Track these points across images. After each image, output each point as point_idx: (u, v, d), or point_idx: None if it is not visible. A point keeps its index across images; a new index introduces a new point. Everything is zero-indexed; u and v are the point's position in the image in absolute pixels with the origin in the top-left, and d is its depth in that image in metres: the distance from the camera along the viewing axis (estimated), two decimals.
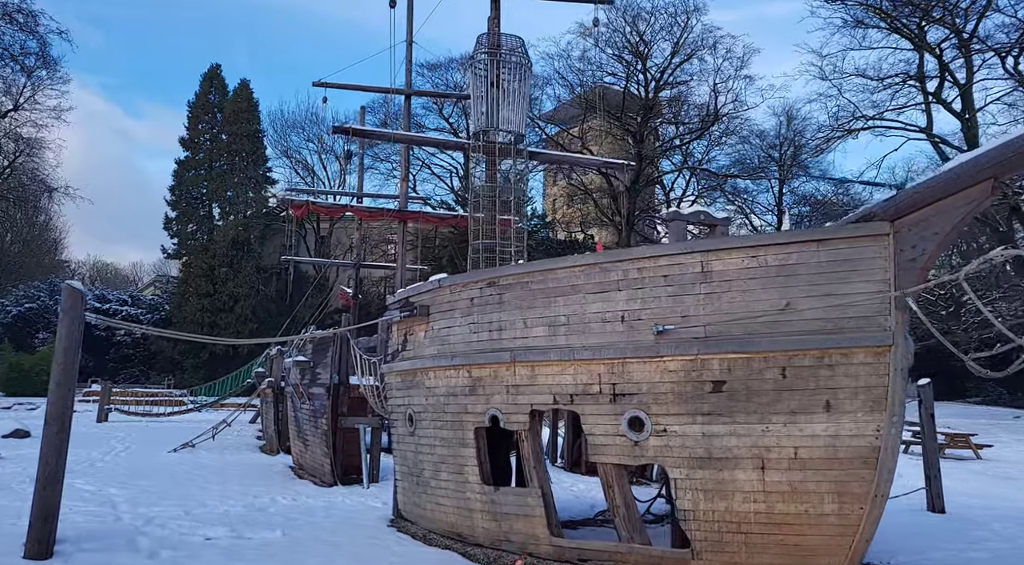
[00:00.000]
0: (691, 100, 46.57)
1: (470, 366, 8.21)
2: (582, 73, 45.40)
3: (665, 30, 43.71)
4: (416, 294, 9.36)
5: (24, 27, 41.98)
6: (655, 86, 45.81)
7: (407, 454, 9.53)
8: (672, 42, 44.11)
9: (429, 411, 8.95)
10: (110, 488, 11.96)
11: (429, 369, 8.91)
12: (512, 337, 7.76)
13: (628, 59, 45.25)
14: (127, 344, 47.85)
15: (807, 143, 41.95)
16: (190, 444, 18.93)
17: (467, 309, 8.35)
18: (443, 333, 8.73)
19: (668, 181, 50.79)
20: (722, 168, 49.00)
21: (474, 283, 8.28)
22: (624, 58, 45.02)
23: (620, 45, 44.25)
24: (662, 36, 44.08)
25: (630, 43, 44.14)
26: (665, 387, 6.58)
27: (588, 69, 44.59)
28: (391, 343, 10.12)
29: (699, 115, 48.20)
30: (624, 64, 45.33)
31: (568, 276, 7.29)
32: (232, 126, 49.24)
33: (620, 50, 44.48)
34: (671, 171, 51.25)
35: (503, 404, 7.83)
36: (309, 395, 13.67)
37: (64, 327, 7.12)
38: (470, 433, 8.26)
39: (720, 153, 49.88)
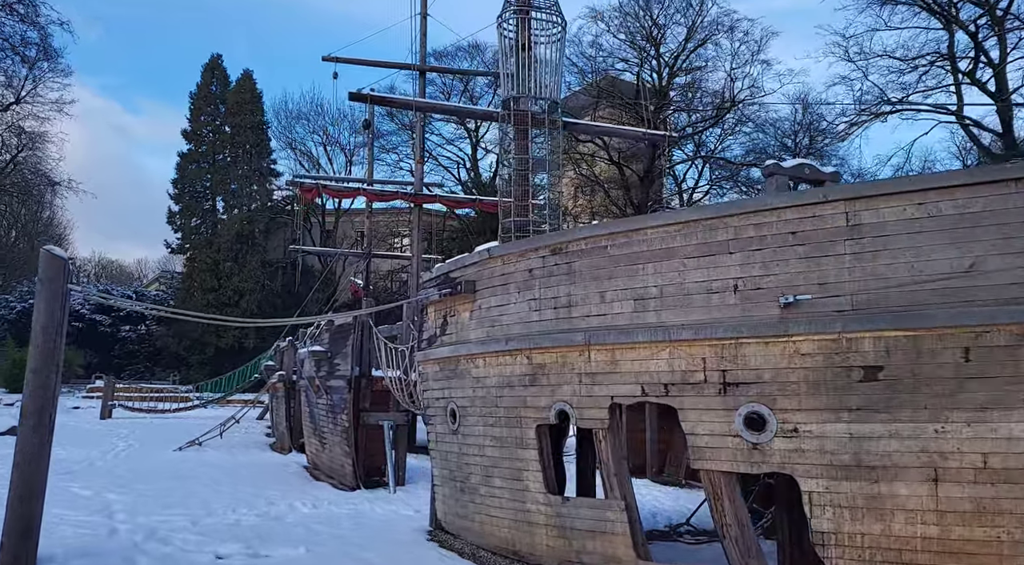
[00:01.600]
0: (705, 87, 44.97)
1: (530, 351, 6.78)
2: (593, 60, 43.82)
3: (680, 13, 42.05)
4: (459, 268, 7.92)
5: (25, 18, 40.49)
6: (668, 72, 44.23)
7: (449, 456, 8.10)
8: (686, 26, 42.48)
9: (477, 405, 7.52)
10: (108, 493, 10.55)
11: (476, 356, 7.48)
12: (585, 315, 6.32)
13: (641, 44, 43.64)
14: (132, 340, 46.50)
15: (830, 128, 40.32)
16: (196, 442, 17.53)
17: (525, 283, 6.91)
18: (494, 313, 7.30)
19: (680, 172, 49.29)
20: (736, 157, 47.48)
21: (534, 251, 6.84)
22: (637, 43, 43.42)
23: (632, 30, 42.65)
24: (676, 20, 42.43)
25: (643, 27, 42.53)
26: (796, 375, 5.14)
27: (599, 55, 43.03)
28: (426, 327, 8.69)
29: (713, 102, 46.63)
30: (637, 50, 43.73)
31: (661, 237, 5.84)
32: (235, 118, 47.69)
33: (632, 35, 42.88)
34: (683, 160, 49.74)
35: (574, 396, 6.40)
36: (326, 388, 12.25)
37: (43, 300, 5.69)
38: (530, 431, 6.83)
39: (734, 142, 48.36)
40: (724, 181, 48.58)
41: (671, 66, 44.32)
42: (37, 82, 42.86)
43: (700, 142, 49.20)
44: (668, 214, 6.00)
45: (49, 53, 41.87)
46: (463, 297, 7.72)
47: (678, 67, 44.45)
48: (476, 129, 47.92)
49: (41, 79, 42.92)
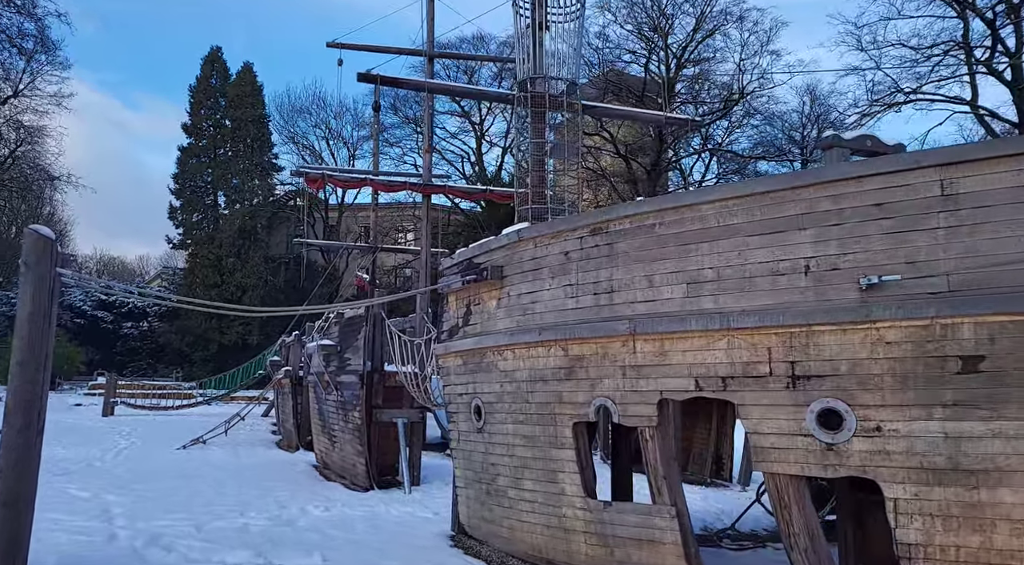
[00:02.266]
0: (713, 78, 44.28)
1: (567, 341, 6.18)
2: (600, 51, 43.11)
3: (688, 2, 41.32)
4: (484, 253, 7.32)
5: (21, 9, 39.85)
6: (676, 64, 43.54)
7: (473, 455, 7.51)
8: (695, 16, 41.76)
9: (505, 401, 6.92)
10: (108, 494, 9.97)
11: (505, 347, 6.88)
12: (630, 301, 5.72)
13: (648, 35, 42.95)
14: (134, 336, 45.98)
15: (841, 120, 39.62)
16: (200, 440, 16.96)
17: (561, 267, 6.30)
18: (525, 300, 6.69)
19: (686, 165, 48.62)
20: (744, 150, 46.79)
21: (570, 231, 6.23)
22: (644, 34, 42.71)
23: (640, 20, 41.95)
24: (684, 9, 41.69)
25: (651, 18, 41.83)
26: (879, 366, 4.53)
27: (606, 47, 42.31)
28: (447, 317, 8.09)
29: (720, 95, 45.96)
30: (644, 40, 43.03)
31: (718, 213, 5.23)
32: (236, 111, 47.04)
33: (640, 25, 42.19)
34: (690, 154, 49.06)
35: (617, 391, 5.80)
36: (336, 384, 11.66)
37: (28, 286, 5.08)
38: (567, 429, 6.23)
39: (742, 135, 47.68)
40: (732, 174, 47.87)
41: (679, 57, 43.60)
42: (35, 75, 42.20)
43: (707, 135, 48.56)
44: (726, 187, 5.41)
45: (47, 45, 41.22)
46: (489, 284, 7.12)
47: (686, 58, 43.75)
48: (481, 122, 47.28)
49: (39, 72, 42.27)
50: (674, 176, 48.67)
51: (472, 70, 45.41)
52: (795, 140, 45.56)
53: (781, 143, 46.10)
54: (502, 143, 46.98)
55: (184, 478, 11.75)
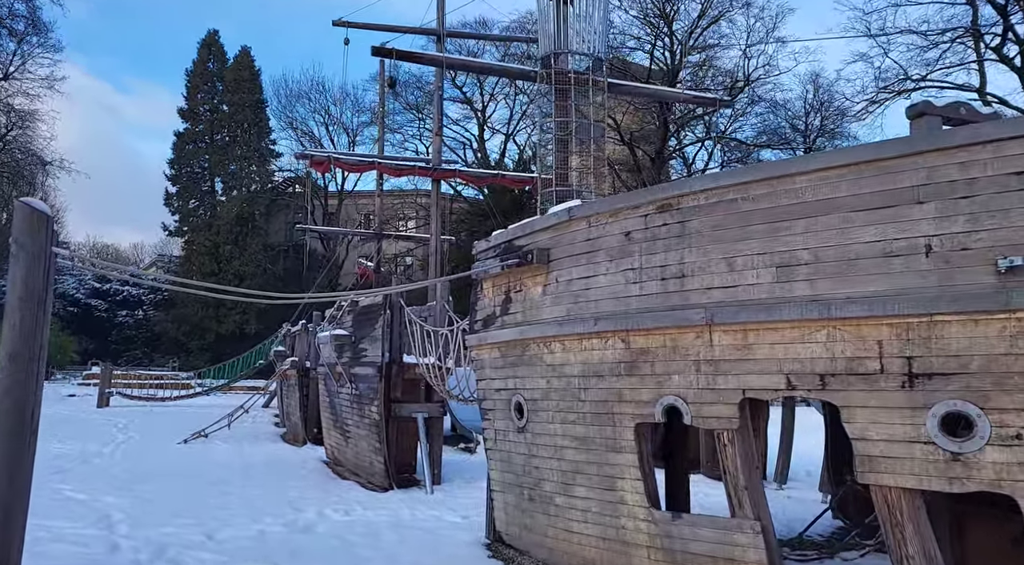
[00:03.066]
0: (718, 65, 43.53)
1: (628, 333, 5.49)
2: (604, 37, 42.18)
3: None
4: (527, 234, 6.62)
5: None
6: (681, 50, 42.72)
7: (513, 458, 6.84)
8: (701, 1, 40.95)
9: (552, 398, 6.24)
10: (106, 496, 9.28)
11: (553, 338, 6.20)
12: (706, 287, 5.03)
13: (653, 21, 42.11)
14: (129, 325, 45.15)
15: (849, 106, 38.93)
16: (202, 434, 16.26)
17: (621, 248, 5.61)
18: (576, 286, 6.00)
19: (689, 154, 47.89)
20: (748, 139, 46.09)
21: (632, 209, 5.53)
22: (649, 20, 41.88)
23: (645, 6, 41.10)
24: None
25: (656, 3, 40.98)
26: (1021, 363, 3.87)
27: (611, 33, 41.33)
28: (482, 305, 7.39)
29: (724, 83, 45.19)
30: (649, 26, 42.19)
31: (815, 185, 4.54)
32: (233, 96, 46.09)
33: (645, 11, 41.35)
34: (693, 142, 48.34)
35: (689, 389, 5.12)
36: (351, 377, 10.97)
37: (20, 266, 4.37)
38: (628, 431, 5.55)
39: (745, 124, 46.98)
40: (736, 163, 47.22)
41: (684, 44, 42.82)
42: (26, 58, 41.10)
43: (711, 123, 47.84)
44: (827, 155, 4.73)
45: (39, 27, 40.13)
46: (534, 269, 6.42)
47: (691, 45, 42.98)
48: (483, 109, 46.43)
49: (31, 54, 41.16)
50: (677, 164, 48.00)
51: (475, 54, 44.50)
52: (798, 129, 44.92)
53: (785, 132, 45.47)
54: (505, 130, 46.24)
55: (187, 477, 11.07)
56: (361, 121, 46.22)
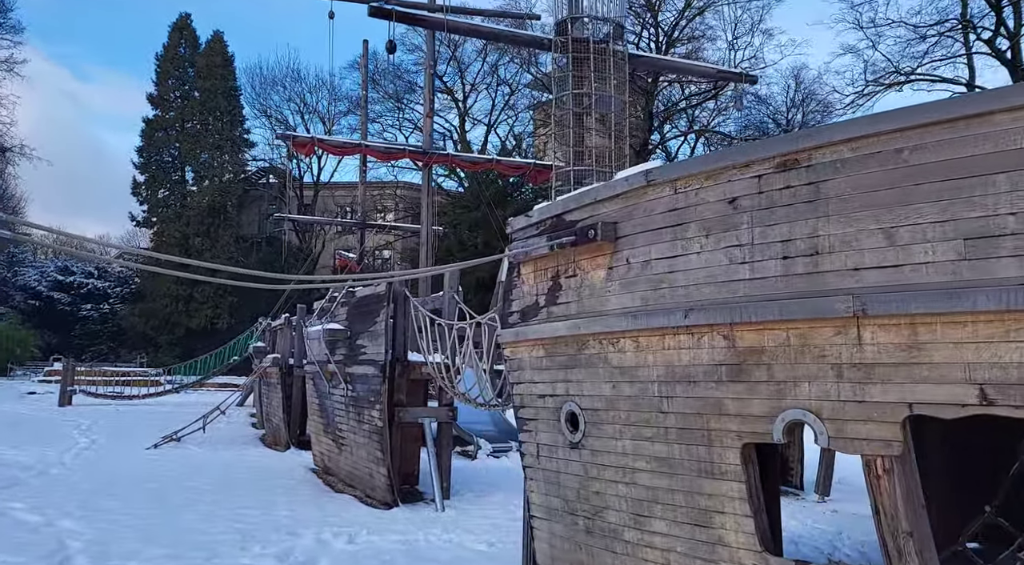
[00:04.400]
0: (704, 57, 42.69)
1: (733, 327, 4.26)
2: None
3: None
4: (584, 205, 5.35)
5: None
6: (667, 42, 41.80)
7: (563, 479, 5.58)
8: None
9: (620, 408, 5.00)
10: (65, 518, 7.79)
11: (621, 334, 4.95)
12: (852, 267, 3.82)
13: (638, 11, 41.09)
14: (94, 319, 42.82)
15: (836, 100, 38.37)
16: (174, 437, 14.70)
17: (722, 219, 4.37)
18: (657, 269, 4.75)
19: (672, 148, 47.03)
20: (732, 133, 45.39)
21: (741, 168, 4.29)
22: (634, 9, 40.81)
23: None
24: None
25: None
26: None
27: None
28: (519, 294, 6.11)
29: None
30: (634, 16, 41.12)
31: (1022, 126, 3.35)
32: (205, 82, 43.94)
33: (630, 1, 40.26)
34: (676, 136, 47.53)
35: (826, 400, 3.91)
36: (346, 377, 9.61)
37: None
38: (731, 453, 4.33)
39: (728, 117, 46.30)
40: None
41: (669, 35, 41.93)
42: None
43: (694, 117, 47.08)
44: None
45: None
46: (595, 248, 5.16)
47: (676, 37, 42.09)
48: (464, 100, 44.94)
49: None
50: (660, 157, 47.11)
51: (456, 45, 43.01)
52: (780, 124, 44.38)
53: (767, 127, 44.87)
54: (486, 120, 44.83)
55: (160, 491, 9.61)
56: (338, 110, 44.41)
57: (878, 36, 33.98)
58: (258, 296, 41.42)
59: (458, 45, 44.04)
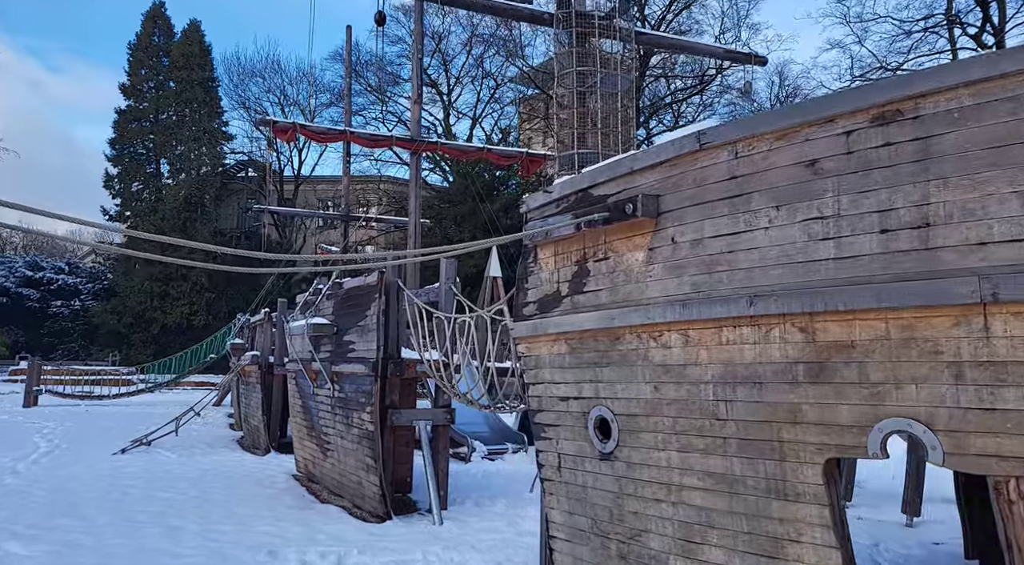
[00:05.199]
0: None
1: (814, 317, 3.51)
2: None
3: None
4: (618, 176, 4.57)
5: None
6: None
7: (591, 495, 4.79)
8: None
9: (666, 414, 4.22)
10: (12, 540, 6.83)
11: (666, 327, 4.17)
12: (973, 240, 3.07)
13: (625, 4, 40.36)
14: (64, 316, 41.27)
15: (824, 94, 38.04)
16: (144, 441, 13.69)
17: (798, 187, 3.61)
18: (711, 248, 3.98)
19: None
20: None
21: (823, 123, 3.52)
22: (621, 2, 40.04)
23: None
24: None
25: None
26: None
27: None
28: (535, 281, 5.32)
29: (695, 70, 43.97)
30: None
31: None
32: (180, 72, 42.48)
33: None
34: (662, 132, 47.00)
35: (940, 407, 3.15)
36: (332, 376, 8.75)
37: None
38: (809, 470, 3.57)
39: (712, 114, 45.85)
40: None
41: (656, 28, 41.33)
42: None
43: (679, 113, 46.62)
44: None
45: None
46: (631, 225, 4.38)
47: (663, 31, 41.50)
48: (449, 93, 43.97)
49: None
50: None
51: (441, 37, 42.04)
52: None
53: None
54: (471, 114, 43.90)
55: (124, 504, 8.68)
56: (320, 102, 43.21)
57: (864, 31, 33.82)
58: (236, 292, 40.22)
59: (443, 37, 43.13)
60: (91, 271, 45.42)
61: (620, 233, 4.52)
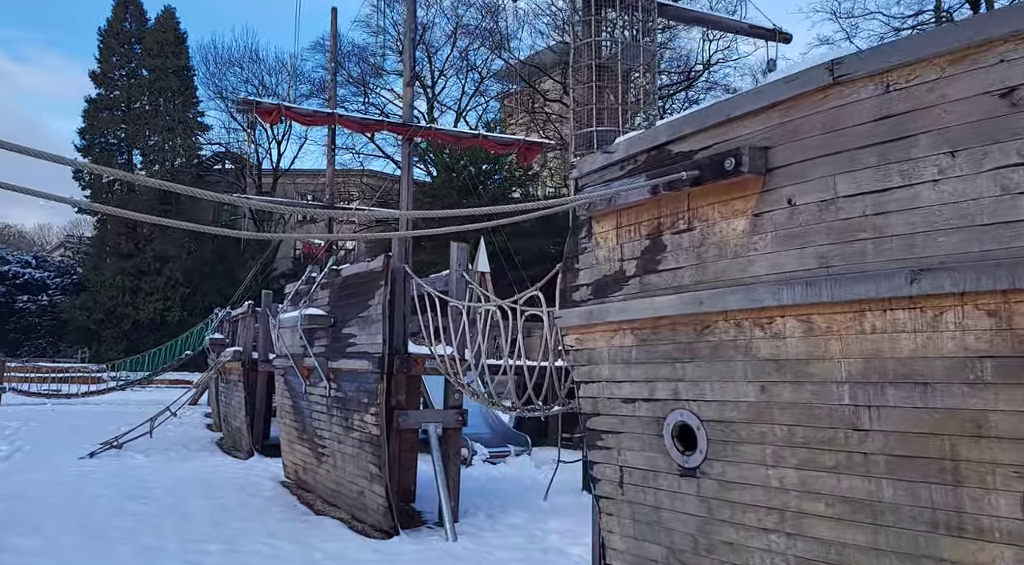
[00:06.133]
0: (677, 46, 41.56)
1: (1009, 297, 2.63)
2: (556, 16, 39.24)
3: None
4: (711, 126, 3.66)
5: None
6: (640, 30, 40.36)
7: (666, 519, 3.88)
8: None
9: (778, 421, 3.32)
10: None
11: (775, 311, 3.28)
12: None
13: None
14: (31, 312, 39.36)
15: None
16: (115, 444, 12.51)
17: (981, 126, 2.72)
18: (844, 210, 3.08)
19: None
20: None
21: (1019, 40, 2.65)
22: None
23: None
24: None
25: None
26: None
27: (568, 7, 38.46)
28: (586, 261, 4.40)
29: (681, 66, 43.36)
30: None
31: None
32: (154, 60, 40.72)
33: None
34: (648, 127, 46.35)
35: None
36: (329, 373, 7.74)
37: None
38: (1001, 500, 2.69)
39: None
40: None
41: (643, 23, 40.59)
42: None
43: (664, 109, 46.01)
44: None
45: None
46: (729, 186, 3.47)
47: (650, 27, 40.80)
48: (432, 85, 42.76)
49: None
50: None
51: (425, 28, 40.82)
52: None
53: None
54: (455, 107, 42.74)
55: (91, 518, 7.59)
56: (301, 93, 41.74)
57: (854, 27, 33.43)
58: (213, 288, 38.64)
59: (427, 28, 41.94)
60: (59, 265, 43.53)
61: (712, 196, 3.61)
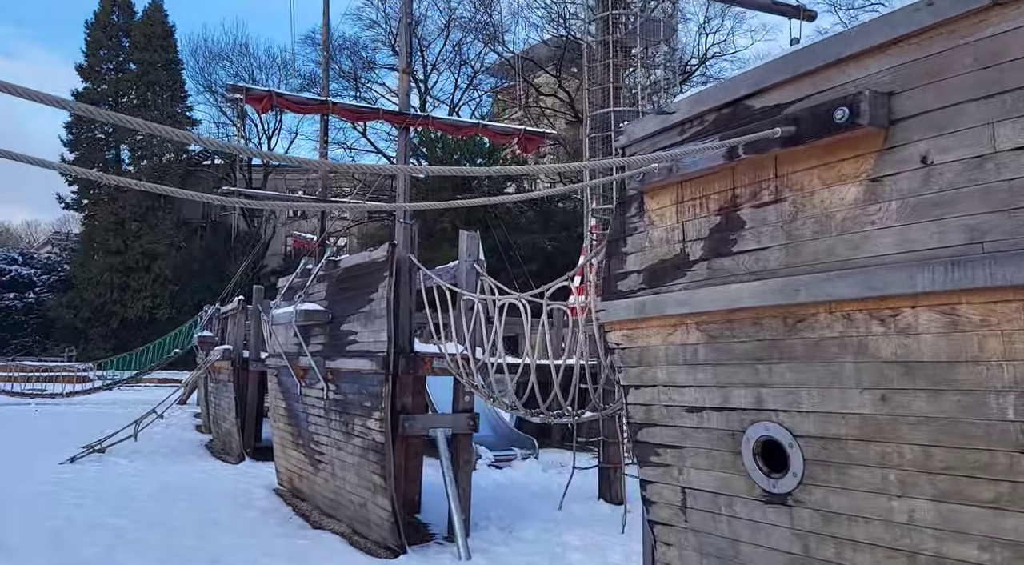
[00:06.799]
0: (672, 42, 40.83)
1: None
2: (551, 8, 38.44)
3: None
4: (809, 71, 2.93)
5: None
6: None
7: (748, 553, 3.17)
8: None
9: (900, 438, 2.61)
10: None
11: (902, 301, 2.56)
12: None
13: None
14: (17, 309, 38.22)
15: None
16: (98, 447, 11.68)
17: None
18: (1002, 171, 2.36)
19: None
20: None
21: None
22: None
23: None
24: None
25: None
26: None
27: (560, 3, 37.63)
28: (635, 244, 3.68)
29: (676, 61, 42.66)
30: None
31: None
32: (142, 54, 39.66)
33: None
34: None
35: None
36: (327, 373, 6.99)
37: None
38: None
39: None
40: None
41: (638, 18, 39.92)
42: None
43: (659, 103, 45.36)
44: None
45: None
46: (834, 145, 2.76)
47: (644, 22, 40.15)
48: (425, 80, 41.90)
49: None
50: None
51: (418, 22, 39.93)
52: None
53: None
54: (448, 102, 41.89)
55: (66, 533, 6.81)
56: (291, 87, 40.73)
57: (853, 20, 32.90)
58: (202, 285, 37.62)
59: (419, 21, 41.06)
60: (47, 262, 42.39)
61: (809, 159, 2.90)
